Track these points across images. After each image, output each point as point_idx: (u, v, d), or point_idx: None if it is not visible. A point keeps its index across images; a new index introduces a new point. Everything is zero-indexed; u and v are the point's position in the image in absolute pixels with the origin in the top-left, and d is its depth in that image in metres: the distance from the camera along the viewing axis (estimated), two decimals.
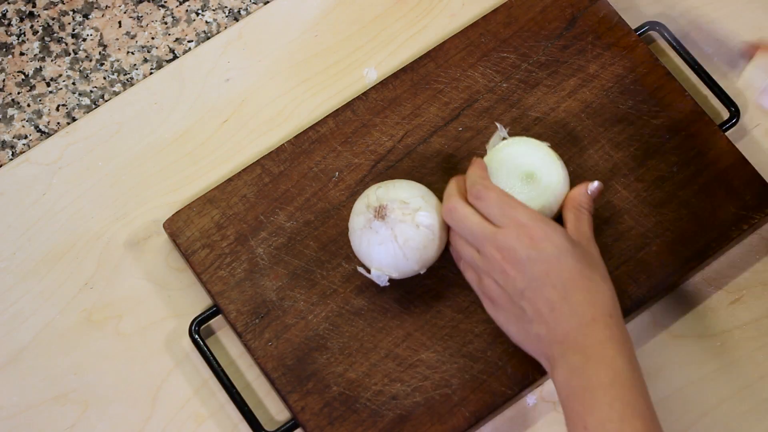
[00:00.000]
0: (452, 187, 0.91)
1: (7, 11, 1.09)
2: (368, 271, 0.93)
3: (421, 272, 0.93)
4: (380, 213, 0.91)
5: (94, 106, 1.06)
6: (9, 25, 1.09)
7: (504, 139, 0.97)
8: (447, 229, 0.93)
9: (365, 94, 1.03)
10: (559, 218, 0.92)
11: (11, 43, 1.08)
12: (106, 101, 1.06)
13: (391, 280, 0.94)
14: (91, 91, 1.07)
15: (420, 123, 1.02)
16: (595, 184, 0.92)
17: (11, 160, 1.04)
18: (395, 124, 1.02)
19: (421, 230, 0.91)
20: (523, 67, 1.04)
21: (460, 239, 0.90)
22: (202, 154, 1.04)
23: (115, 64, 1.08)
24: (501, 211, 0.87)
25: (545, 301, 0.85)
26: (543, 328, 0.85)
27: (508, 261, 0.86)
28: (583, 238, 0.89)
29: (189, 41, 1.08)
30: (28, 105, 1.06)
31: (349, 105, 1.03)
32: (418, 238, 0.91)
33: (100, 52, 1.08)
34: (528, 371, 0.93)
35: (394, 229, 0.90)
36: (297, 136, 1.02)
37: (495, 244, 0.87)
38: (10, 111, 1.06)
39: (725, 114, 1.04)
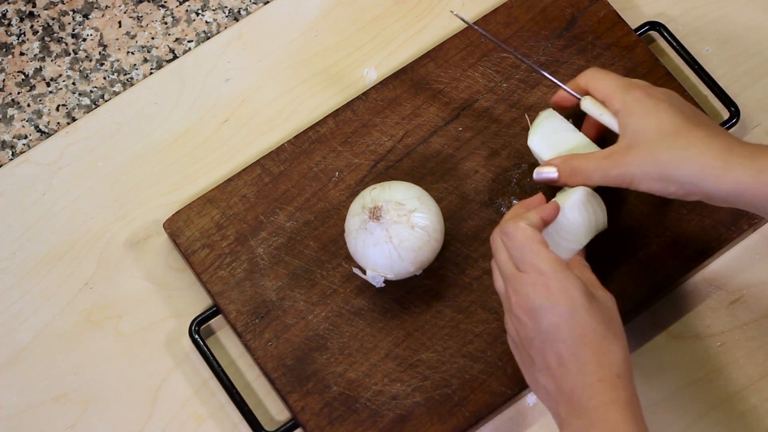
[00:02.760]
0: (510, 211, 0.90)
1: (7, 11, 1.09)
2: (364, 272, 0.93)
3: (417, 273, 0.93)
4: (375, 214, 0.91)
5: (94, 106, 1.06)
6: (9, 25, 1.09)
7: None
8: (442, 230, 0.93)
9: (365, 94, 1.03)
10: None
11: (11, 43, 1.08)
12: (106, 101, 1.06)
13: (387, 281, 0.94)
14: (91, 91, 1.07)
15: (420, 123, 1.02)
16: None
17: (11, 160, 1.04)
18: (395, 124, 1.02)
19: (416, 231, 0.91)
20: (523, 67, 1.04)
21: (496, 270, 0.88)
22: (202, 154, 1.04)
23: (115, 64, 1.08)
24: (522, 255, 0.84)
25: (554, 354, 0.82)
26: (550, 381, 0.83)
27: (522, 308, 0.84)
28: (599, 289, 0.86)
29: (189, 41, 1.08)
30: (28, 105, 1.06)
31: (349, 105, 1.03)
32: (412, 239, 0.91)
33: (100, 52, 1.08)
34: None
35: (389, 230, 0.90)
36: (297, 136, 1.02)
37: (513, 287, 0.85)
38: (10, 111, 1.06)
39: (725, 114, 1.04)
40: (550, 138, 0.96)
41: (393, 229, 0.90)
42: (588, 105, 0.93)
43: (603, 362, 0.82)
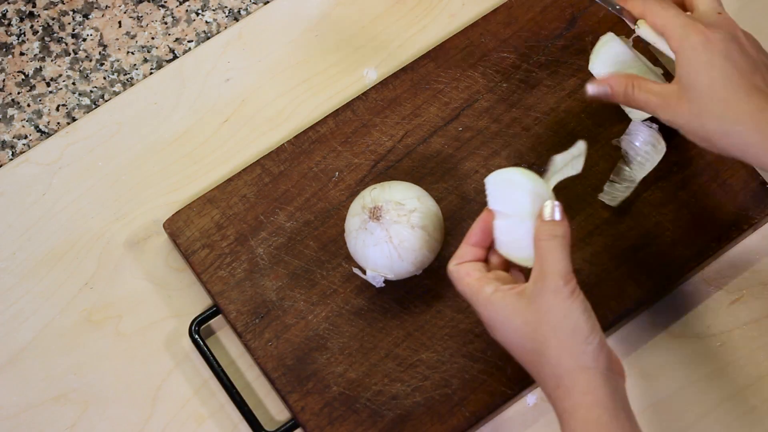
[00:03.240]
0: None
1: (7, 11, 1.09)
2: (364, 272, 0.93)
3: (417, 273, 0.93)
4: (375, 214, 0.91)
5: (94, 106, 1.06)
6: (9, 25, 1.09)
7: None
8: (442, 230, 0.93)
9: (365, 94, 1.03)
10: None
11: (11, 43, 1.08)
12: (106, 101, 1.06)
13: (387, 281, 0.94)
14: (91, 91, 1.07)
15: (420, 123, 1.02)
16: (549, 207, 0.84)
17: (11, 160, 1.04)
18: (395, 124, 1.02)
19: (416, 231, 0.91)
20: (523, 67, 1.04)
21: None
22: (202, 154, 1.04)
23: (115, 64, 1.08)
24: (462, 296, 0.87)
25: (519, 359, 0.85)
26: None
27: None
28: (538, 282, 0.81)
29: (189, 41, 1.08)
30: (28, 105, 1.06)
31: (349, 105, 1.03)
32: (412, 239, 0.91)
33: (100, 52, 1.08)
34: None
35: (389, 230, 0.90)
36: (297, 136, 1.02)
37: None
38: (10, 111, 1.06)
39: None
40: (611, 63, 0.97)
41: (393, 229, 0.90)
42: (645, 32, 0.91)
43: (541, 378, 0.82)
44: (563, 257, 0.81)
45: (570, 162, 0.87)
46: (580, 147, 0.87)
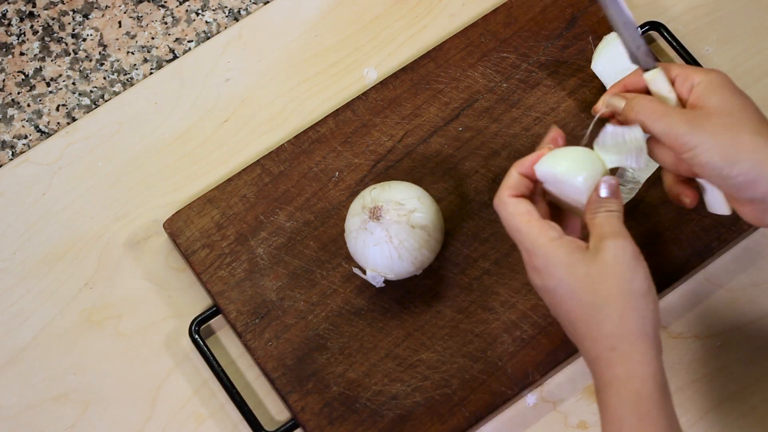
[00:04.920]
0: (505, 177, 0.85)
1: (7, 11, 1.09)
2: (364, 272, 0.93)
3: (417, 273, 0.93)
4: (375, 214, 0.91)
5: (94, 106, 1.06)
6: (9, 25, 1.09)
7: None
8: (442, 230, 0.93)
9: (365, 94, 1.03)
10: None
11: (11, 43, 1.08)
12: (106, 101, 1.06)
13: (387, 281, 0.94)
14: (91, 91, 1.07)
15: (420, 123, 1.02)
16: (604, 184, 0.83)
17: (11, 160, 1.04)
18: (395, 124, 1.02)
19: (416, 231, 0.91)
20: (523, 67, 1.04)
21: None
22: (202, 154, 1.04)
23: (115, 64, 1.08)
24: (510, 234, 0.82)
25: (565, 330, 0.82)
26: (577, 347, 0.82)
27: (530, 282, 0.84)
28: (603, 240, 0.79)
29: (189, 41, 1.08)
30: (28, 105, 1.06)
31: (349, 105, 1.03)
32: (412, 239, 0.91)
33: (100, 52, 1.08)
34: (528, 371, 0.93)
35: (389, 230, 0.90)
36: (297, 136, 1.02)
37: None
38: (10, 111, 1.06)
39: None
40: (615, 63, 0.97)
41: (393, 229, 0.90)
42: (660, 76, 0.85)
43: (595, 337, 0.77)
44: (622, 225, 0.80)
45: (625, 148, 0.84)
46: (636, 135, 0.83)
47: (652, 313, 0.78)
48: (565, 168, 0.83)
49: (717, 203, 0.86)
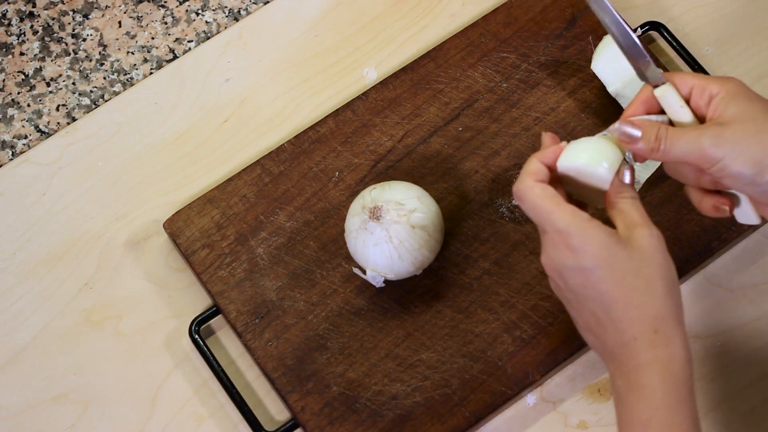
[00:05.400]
0: (525, 166, 0.83)
1: (7, 11, 1.09)
2: (364, 272, 0.93)
3: (417, 273, 0.93)
4: (375, 214, 0.91)
5: (94, 106, 1.06)
6: (9, 25, 1.09)
7: None
8: (442, 230, 0.93)
9: (365, 94, 1.03)
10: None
11: (11, 43, 1.08)
12: (106, 101, 1.06)
13: (387, 281, 0.94)
14: (91, 91, 1.07)
15: (420, 123, 1.02)
16: (627, 170, 0.83)
17: (11, 160, 1.04)
18: (395, 124, 1.02)
19: (416, 231, 0.91)
20: (523, 67, 1.04)
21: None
22: (202, 154, 1.04)
23: (115, 64, 1.08)
24: (537, 217, 0.80)
25: (590, 313, 0.79)
26: (594, 339, 0.80)
27: (551, 268, 0.81)
28: (634, 231, 0.79)
29: (189, 41, 1.08)
30: (28, 105, 1.06)
31: (349, 105, 1.03)
32: (412, 239, 0.91)
33: (100, 52, 1.08)
34: (528, 371, 0.93)
35: (389, 230, 0.90)
36: (297, 136, 1.02)
37: (543, 247, 0.81)
38: (10, 111, 1.06)
39: None
40: (615, 63, 0.97)
41: (393, 229, 0.90)
42: (670, 92, 0.83)
43: (635, 318, 0.77)
44: (646, 214, 0.81)
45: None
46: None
47: (682, 303, 0.79)
48: (587, 157, 0.83)
49: (746, 213, 0.85)
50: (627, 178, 0.83)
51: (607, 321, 0.78)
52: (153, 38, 1.09)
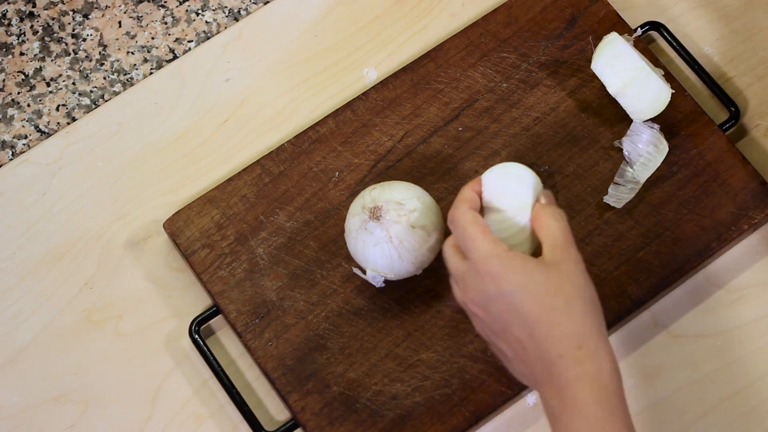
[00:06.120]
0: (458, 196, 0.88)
1: (7, 11, 1.09)
2: (364, 272, 0.93)
3: (417, 273, 0.93)
4: (375, 214, 0.91)
5: (94, 106, 1.06)
6: (9, 25, 1.09)
7: None
8: (442, 230, 0.93)
9: (365, 94, 1.03)
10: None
11: (11, 43, 1.08)
12: (106, 101, 1.06)
13: (387, 281, 0.94)
14: (91, 91, 1.07)
15: (420, 123, 1.02)
16: (545, 195, 0.87)
17: (11, 160, 1.04)
18: (395, 124, 1.02)
19: (416, 231, 0.91)
20: (523, 67, 1.04)
21: (452, 278, 0.87)
22: (202, 154, 1.04)
23: (115, 64, 1.08)
24: (464, 243, 0.83)
25: (515, 340, 0.81)
26: (523, 366, 0.82)
27: (474, 302, 0.83)
28: (558, 252, 0.82)
29: (189, 41, 1.08)
30: (28, 105, 1.06)
31: (349, 105, 1.03)
32: (412, 239, 0.91)
33: (100, 52, 1.08)
34: None
35: (389, 230, 0.90)
36: (297, 136, 1.02)
37: (464, 284, 0.84)
38: (10, 111, 1.06)
39: (725, 114, 1.04)
40: (614, 63, 0.98)
41: (393, 229, 0.90)
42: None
43: (558, 336, 0.79)
44: (571, 234, 0.83)
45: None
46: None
47: (603, 320, 0.81)
48: (510, 179, 0.88)
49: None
50: (545, 200, 0.87)
51: (532, 343, 0.80)
52: (153, 38, 1.09)
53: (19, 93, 1.06)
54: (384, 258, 0.91)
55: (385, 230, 0.90)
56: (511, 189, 0.87)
